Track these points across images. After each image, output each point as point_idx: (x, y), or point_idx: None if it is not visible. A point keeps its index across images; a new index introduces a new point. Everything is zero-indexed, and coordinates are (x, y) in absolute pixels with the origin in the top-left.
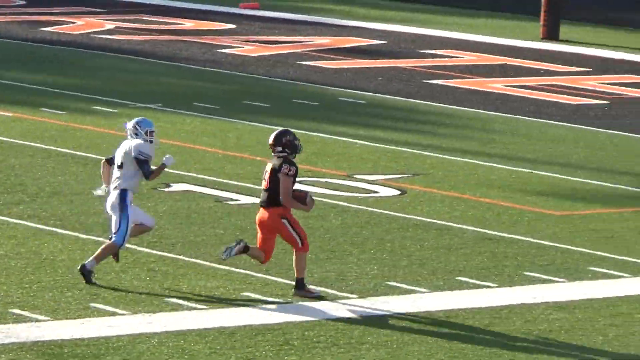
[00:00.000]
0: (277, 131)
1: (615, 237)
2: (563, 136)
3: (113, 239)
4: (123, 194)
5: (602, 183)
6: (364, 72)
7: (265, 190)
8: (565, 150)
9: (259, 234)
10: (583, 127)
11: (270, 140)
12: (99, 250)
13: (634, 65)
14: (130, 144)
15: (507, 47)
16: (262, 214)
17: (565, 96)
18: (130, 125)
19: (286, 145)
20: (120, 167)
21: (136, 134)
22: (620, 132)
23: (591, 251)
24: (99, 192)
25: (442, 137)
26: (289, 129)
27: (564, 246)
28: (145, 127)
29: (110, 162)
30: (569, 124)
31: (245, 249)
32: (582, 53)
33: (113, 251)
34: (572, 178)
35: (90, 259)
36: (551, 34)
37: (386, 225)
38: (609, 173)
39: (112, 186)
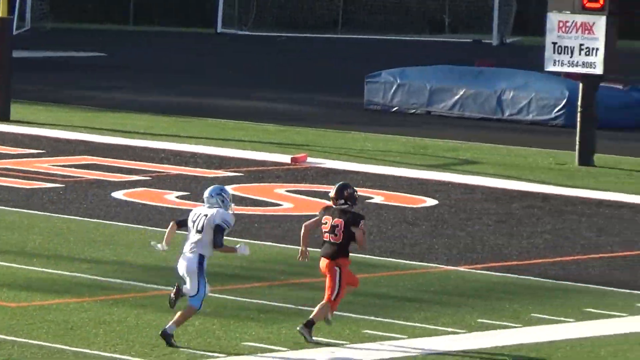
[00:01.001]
0: (338, 185)
1: (75, 329)
2: (17, 222)
3: (189, 302)
4: (201, 259)
5: (59, 271)
6: None
7: (335, 243)
8: (19, 238)
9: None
10: (38, 212)
11: (332, 193)
12: (178, 315)
13: (89, 146)
14: (212, 211)
15: None
16: (324, 263)
17: (18, 180)
18: (213, 193)
19: (348, 198)
20: (199, 231)
21: (222, 201)
22: (76, 217)
23: None
24: (159, 247)
25: None
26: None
27: (22, 340)
28: (229, 195)
29: (181, 224)
30: (23, 210)
31: (310, 324)
32: (34, 134)
33: (191, 315)
34: (27, 267)
35: (170, 323)
36: (1, 115)
37: None
38: (67, 260)
39: (187, 249)
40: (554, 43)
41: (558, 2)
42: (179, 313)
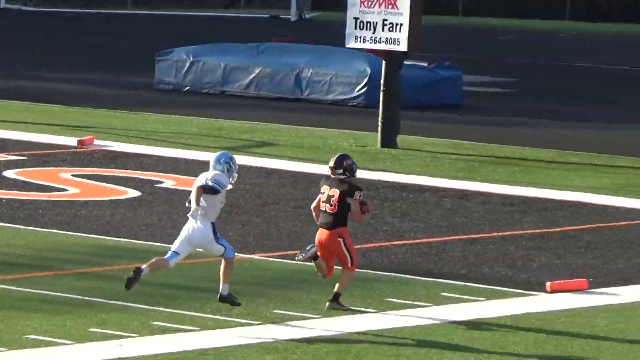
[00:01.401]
0: (337, 155)
1: None
2: None
3: (227, 256)
4: (213, 227)
5: None
6: None
7: (331, 213)
8: None
9: (323, 258)
10: None
11: (332, 163)
12: (222, 274)
13: None
14: (208, 174)
15: None
16: (322, 234)
17: None
18: (221, 159)
19: (346, 169)
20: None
21: (228, 170)
22: None
23: None
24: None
25: None
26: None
27: None
28: (236, 165)
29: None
30: None
31: (316, 256)
32: None
33: (232, 265)
34: None
35: (221, 286)
36: None
37: None
38: None
39: (195, 218)
40: (356, 18)
41: None
42: (222, 272)
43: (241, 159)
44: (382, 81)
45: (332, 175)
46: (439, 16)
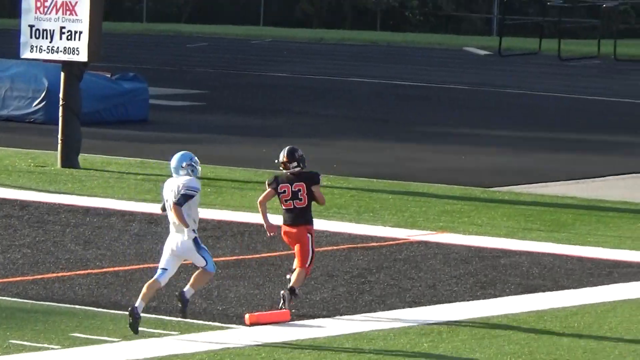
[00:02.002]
0: (287, 148)
1: None
2: None
3: (206, 269)
4: (193, 236)
5: None
6: None
7: (302, 207)
8: None
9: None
10: None
11: (284, 157)
12: (193, 277)
13: None
14: (179, 182)
15: None
16: (292, 230)
17: None
18: (183, 162)
19: (300, 160)
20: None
21: (192, 171)
22: None
23: None
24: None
25: None
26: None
27: None
28: (198, 162)
29: (164, 208)
30: None
31: (293, 290)
32: None
33: (207, 279)
34: None
35: (187, 287)
36: None
37: None
38: None
39: (173, 229)
40: (31, 26)
41: None
42: (195, 276)
43: None
44: (60, 95)
45: (286, 170)
46: (122, 22)
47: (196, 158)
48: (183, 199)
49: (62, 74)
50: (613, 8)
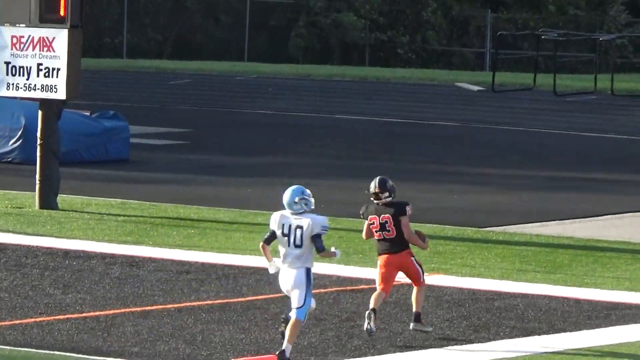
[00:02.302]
0: (378, 178)
1: None
2: None
3: (295, 314)
4: (308, 272)
5: None
6: None
7: (392, 238)
8: None
9: (384, 276)
10: None
11: (376, 188)
12: (288, 332)
13: None
14: (306, 221)
15: None
16: (389, 258)
17: None
18: (296, 197)
19: (391, 190)
20: (299, 246)
21: (306, 204)
22: None
23: None
24: (274, 268)
25: None
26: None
27: None
28: (309, 194)
29: (268, 241)
30: None
31: (417, 317)
32: None
33: (298, 329)
34: None
35: (285, 344)
36: None
37: None
38: None
39: (287, 264)
40: (7, 63)
41: (11, 12)
42: (288, 331)
43: None
44: (38, 134)
45: (377, 201)
46: (101, 59)
47: (308, 191)
48: (321, 242)
49: (40, 112)
50: (609, 41)
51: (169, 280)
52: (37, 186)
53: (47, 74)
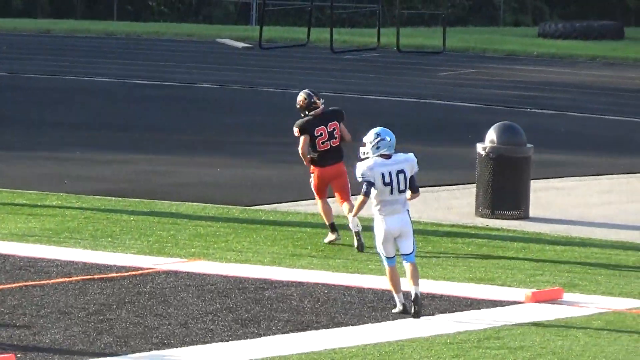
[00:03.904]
0: (308, 90)
1: None
2: None
3: (412, 259)
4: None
5: None
6: None
7: (337, 146)
8: None
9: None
10: None
11: (315, 98)
12: (414, 278)
13: None
14: (402, 165)
15: None
16: (334, 169)
17: None
18: (391, 141)
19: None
20: (403, 191)
21: (377, 148)
22: None
23: None
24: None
25: None
26: None
27: None
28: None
29: (367, 194)
30: None
31: (333, 227)
32: None
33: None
34: None
35: (416, 288)
36: None
37: None
38: None
39: (393, 208)
40: None
41: None
42: (411, 277)
43: None
44: None
45: (319, 111)
46: None
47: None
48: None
49: None
50: None
51: None
52: None
53: None
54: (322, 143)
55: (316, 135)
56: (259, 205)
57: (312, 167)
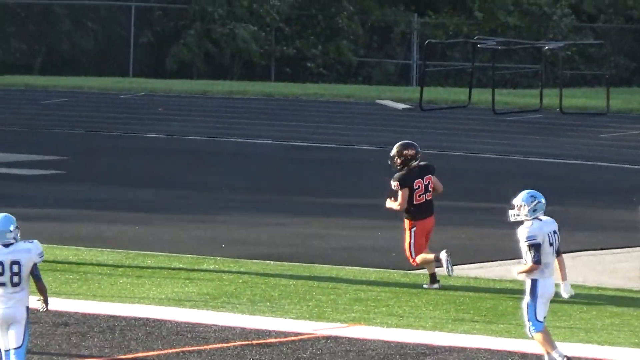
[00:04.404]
0: (406, 142)
1: None
2: None
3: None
4: None
5: None
6: None
7: (430, 199)
8: None
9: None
10: None
11: (412, 151)
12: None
13: None
14: (552, 226)
15: None
16: (430, 222)
17: None
18: (533, 203)
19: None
20: (559, 252)
21: (534, 210)
22: None
23: None
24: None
25: None
26: None
27: None
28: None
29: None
30: None
31: (434, 279)
32: None
33: None
34: None
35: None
36: None
37: None
38: None
39: (550, 271)
40: None
41: None
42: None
43: None
44: None
45: (414, 165)
46: None
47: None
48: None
49: None
50: (556, 51)
51: (44, 335)
52: None
53: None
54: (419, 196)
55: (415, 188)
56: (420, 269)
57: (408, 222)
